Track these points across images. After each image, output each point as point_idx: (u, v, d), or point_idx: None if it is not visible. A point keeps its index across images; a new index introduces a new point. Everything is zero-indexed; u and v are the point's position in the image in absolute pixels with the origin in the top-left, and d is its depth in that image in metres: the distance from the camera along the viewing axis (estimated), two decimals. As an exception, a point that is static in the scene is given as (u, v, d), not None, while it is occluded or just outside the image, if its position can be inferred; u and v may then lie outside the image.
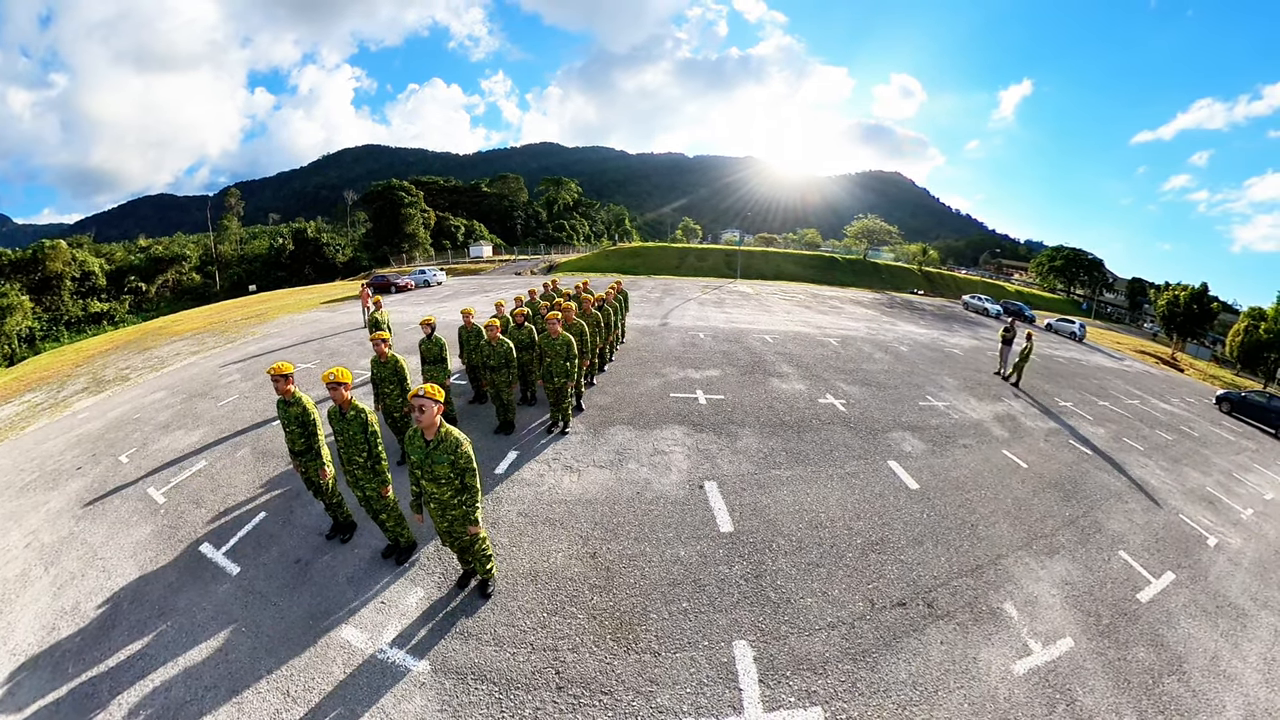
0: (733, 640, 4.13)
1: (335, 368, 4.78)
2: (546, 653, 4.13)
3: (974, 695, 3.84)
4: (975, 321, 30.89)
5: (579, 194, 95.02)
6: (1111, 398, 15.60)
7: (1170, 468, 10.08)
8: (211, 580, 5.14)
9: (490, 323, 7.30)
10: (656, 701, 3.67)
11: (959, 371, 14.85)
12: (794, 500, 6.23)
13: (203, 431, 8.75)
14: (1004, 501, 7.10)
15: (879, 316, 26.84)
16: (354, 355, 13.26)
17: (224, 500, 6.57)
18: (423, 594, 4.83)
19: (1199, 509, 8.32)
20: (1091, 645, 4.64)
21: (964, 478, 7.62)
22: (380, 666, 4.08)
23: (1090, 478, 8.60)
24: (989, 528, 6.32)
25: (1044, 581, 5.45)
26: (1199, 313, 34.05)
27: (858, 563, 5.19)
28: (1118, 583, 5.73)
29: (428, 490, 4.18)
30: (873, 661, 4.00)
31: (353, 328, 17.40)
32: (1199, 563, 6.57)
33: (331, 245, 60.09)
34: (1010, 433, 10.08)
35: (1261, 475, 11.21)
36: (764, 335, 16.95)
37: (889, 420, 9.50)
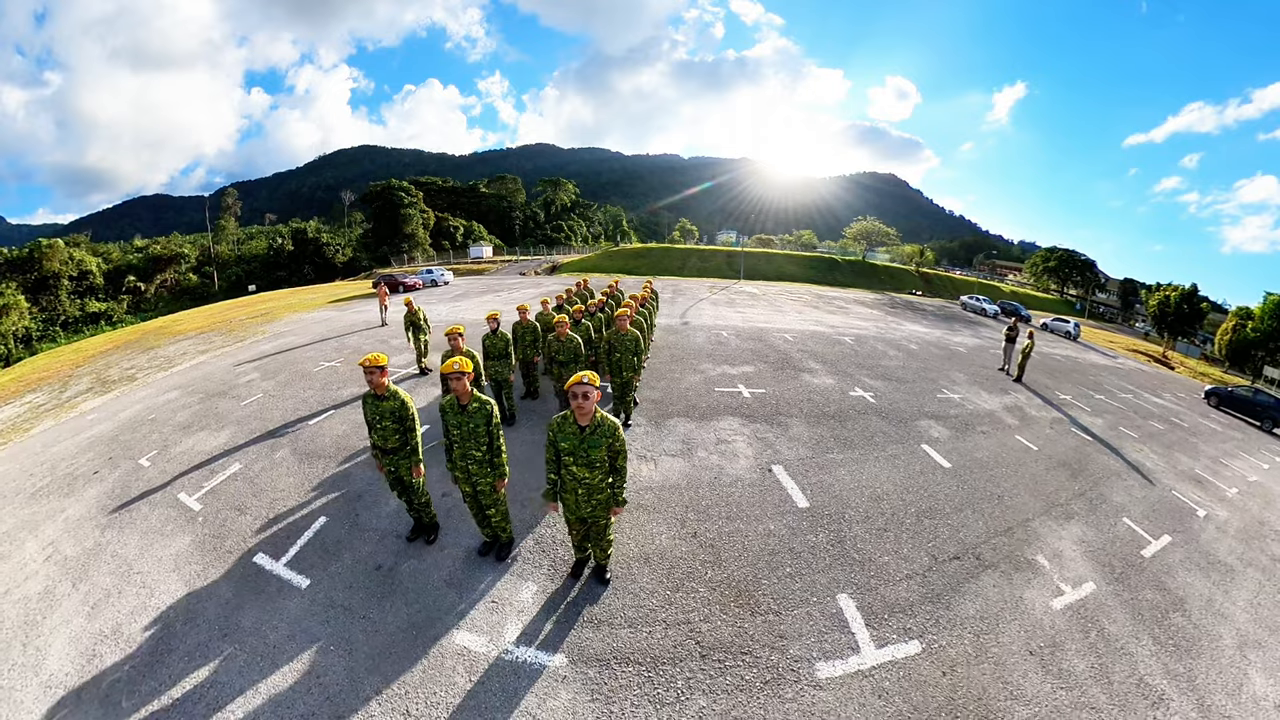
0: (835, 594, 4.84)
1: (456, 357, 4.79)
2: (681, 626, 4.40)
3: (1027, 625, 4.86)
4: (974, 321, 32.16)
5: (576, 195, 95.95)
6: (1107, 392, 16.83)
7: (1163, 453, 11.23)
8: (277, 595, 4.80)
9: (560, 319, 7.68)
10: (790, 653, 4.16)
11: (966, 368, 15.98)
12: (852, 479, 7.19)
13: (229, 432, 8.59)
14: (1022, 477, 8.17)
15: (884, 316, 27.99)
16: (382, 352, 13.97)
17: (271, 506, 6.29)
18: (536, 588, 4.83)
19: (1189, 487, 9.45)
20: (1110, 588, 5.70)
21: (986, 458, 8.69)
22: (511, 668, 4.01)
23: (1093, 459, 9.70)
24: (1013, 498, 7.38)
25: (1065, 540, 6.52)
26: (1189, 312, 35.75)
27: (915, 527, 6.18)
28: (1124, 542, 6.81)
29: (578, 475, 4.17)
30: (946, 602, 4.96)
31: (368, 326, 17.78)
32: (1191, 529, 7.67)
33: (331, 245, 60.60)
34: (1019, 421, 11.17)
35: (1245, 461, 12.45)
36: (783, 334, 18.01)
37: (914, 410, 10.56)
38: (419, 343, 11.63)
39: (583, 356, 7.76)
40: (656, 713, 3.63)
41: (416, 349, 11.61)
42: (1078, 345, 29.31)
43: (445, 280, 35.16)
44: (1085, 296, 66.39)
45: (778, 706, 3.61)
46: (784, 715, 3.51)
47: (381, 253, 59.58)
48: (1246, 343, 33.87)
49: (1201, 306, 36.31)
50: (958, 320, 31.71)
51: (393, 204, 61.73)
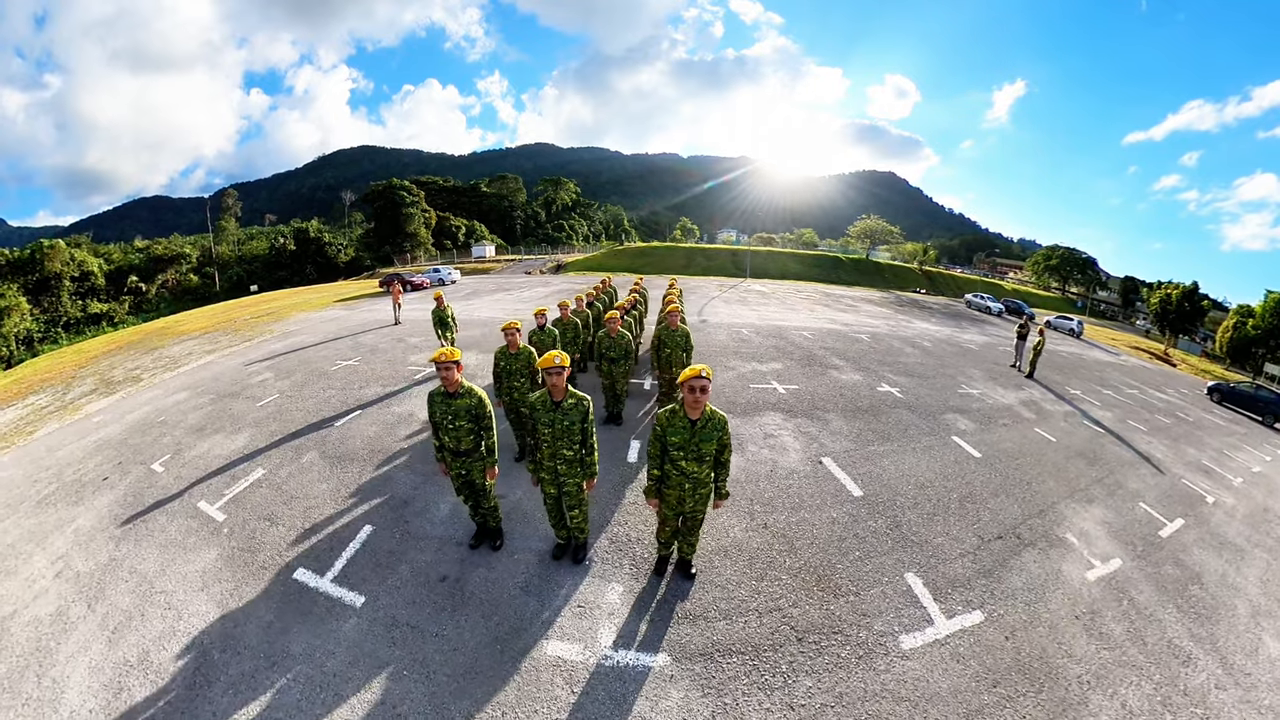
0: (903, 573, 5.31)
1: (553, 351, 4.49)
2: (774, 614, 4.61)
3: (1068, 594, 5.50)
4: (980, 320, 32.90)
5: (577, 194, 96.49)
6: (1113, 388, 17.57)
7: (1171, 445, 11.94)
8: (328, 616, 4.52)
9: (611, 315, 7.81)
10: (875, 629, 4.52)
11: (980, 364, 16.67)
12: (896, 469, 7.81)
13: (247, 435, 8.41)
14: (1045, 466, 8.83)
15: (893, 314, 28.69)
16: (395, 351, 13.74)
17: (305, 515, 6.03)
18: (621, 589, 4.81)
19: (1197, 476, 10.14)
20: (1134, 563, 6.36)
21: (1011, 449, 9.35)
22: (614, 674, 3.96)
23: (1106, 450, 10.38)
24: (1040, 484, 8.04)
25: (1090, 521, 7.19)
26: (1190, 310, 36.77)
27: (959, 511, 6.82)
28: (1142, 523, 7.49)
29: (687, 470, 4.19)
30: (997, 576, 5.57)
31: (381, 325, 17.96)
32: (1201, 514, 8.35)
33: (333, 245, 61.04)
34: (1036, 415, 11.84)
35: (1249, 453, 13.18)
36: (801, 331, 18.67)
37: (939, 405, 11.23)
38: (447, 340, 11.66)
39: (633, 353, 8.16)
40: (768, 699, 3.81)
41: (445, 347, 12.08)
42: (1081, 343, 30.11)
43: (453, 279, 35.55)
44: (1087, 294, 67.34)
45: (874, 678, 4.02)
46: (881, 686, 3.99)
47: (384, 252, 60.05)
48: (1247, 340, 34.70)
49: (1202, 304, 37.35)
50: (964, 318, 32.46)
51: (394, 203, 62.13)
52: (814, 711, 3.58)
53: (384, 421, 8.72)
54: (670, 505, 4.42)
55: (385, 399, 9.81)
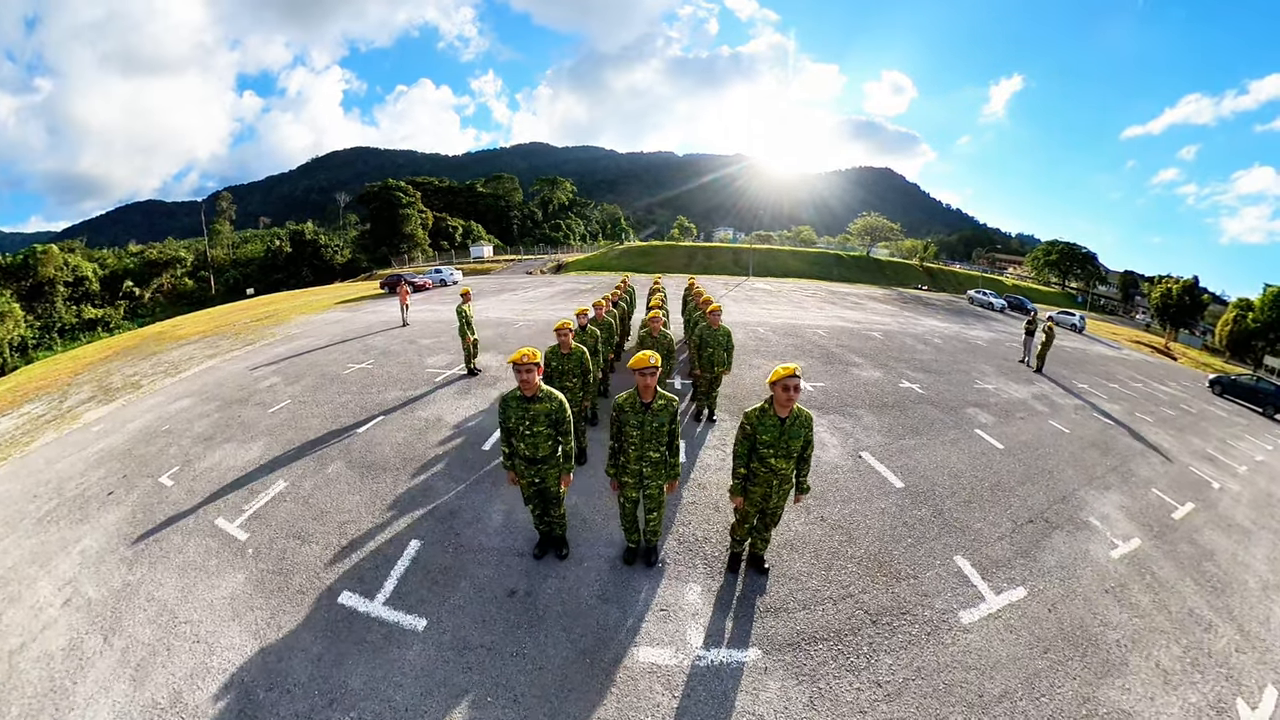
0: (953, 556, 5.79)
1: (644, 352, 4.43)
2: (847, 600, 4.93)
3: (1098, 570, 6.11)
4: (984, 316, 33.69)
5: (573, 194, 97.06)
6: (1119, 381, 18.33)
7: (1177, 435, 12.65)
8: (387, 643, 4.27)
9: (653, 315, 7.94)
10: (936, 606, 4.99)
11: (990, 360, 17.35)
12: (929, 461, 8.39)
13: (262, 444, 8.13)
14: (1063, 456, 9.48)
15: (899, 312, 29.42)
16: (409, 354, 13.72)
17: (340, 532, 5.76)
18: (699, 588, 4.92)
19: (1203, 464, 10.84)
20: (1152, 543, 7.01)
21: (1030, 440, 9.99)
22: (711, 673, 4.06)
23: (1117, 441, 11.05)
24: (1060, 473, 8.68)
25: (1108, 505, 7.83)
26: (1190, 304, 38.06)
27: (992, 498, 7.43)
28: (1156, 507, 8.14)
29: (775, 466, 4.33)
30: (1034, 555, 6.17)
31: (388, 326, 17.91)
32: (1209, 498, 9.02)
33: (329, 247, 61.53)
34: (1049, 408, 12.50)
35: (1251, 443, 13.94)
36: (815, 329, 19.32)
37: (959, 399, 11.88)
38: (469, 342, 11.42)
39: (674, 353, 8.18)
40: (856, 679, 4.12)
41: (465, 349, 11.46)
42: (1084, 337, 30.94)
43: (454, 280, 35.75)
44: (1087, 289, 68.42)
45: (944, 651, 4.47)
46: (951, 657, 4.39)
47: (380, 253, 60.53)
48: (1247, 333, 35.83)
49: (1202, 298, 38.61)
50: (968, 314, 33.21)
51: (390, 204, 62.65)
52: (898, 685, 4.10)
53: (411, 427, 8.59)
54: (754, 502, 4.59)
55: (408, 403, 9.72)
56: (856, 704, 3.84)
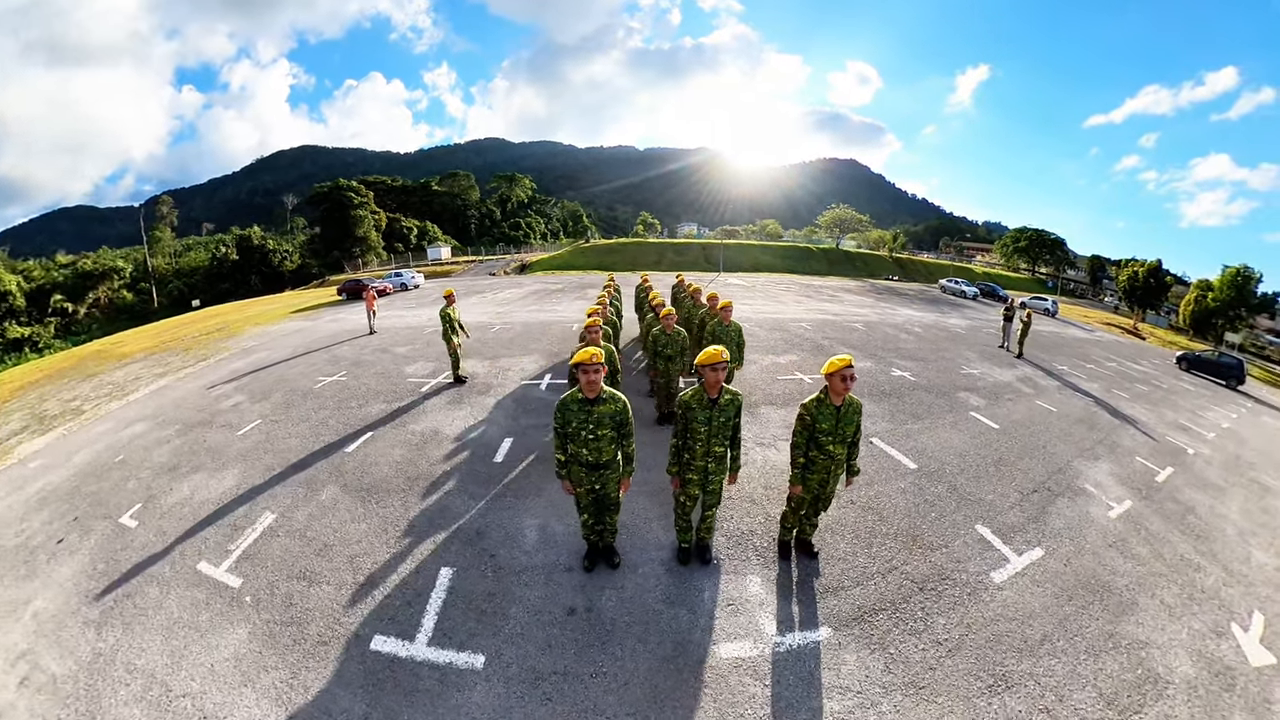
0: (974, 526, 6.47)
1: (715, 348, 4.50)
2: (893, 573, 5.42)
3: (1100, 529, 6.96)
4: (957, 304, 35.43)
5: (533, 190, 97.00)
6: (1095, 362, 19.79)
7: (1152, 408, 13.90)
8: (444, 688, 4.00)
9: (667, 312, 8.12)
10: (971, 571, 5.61)
11: (971, 346, 18.54)
12: (934, 442, 9.17)
13: (236, 471, 7.59)
14: (1054, 432, 10.43)
15: (875, 303, 30.71)
16: (384, 363, 13.41)
17: (352, 566, 5.37)
18: (758, 579, 5.19)
19: (1177, 433, 12.01)
20: (1142, 503, 7.93)
21: (1022, 419, 10.94)
22: (792, 656, 4.33)
23: (1100, 416, 12.14)
24: (1054, 448, 9.60)
25: (1100, 473, 8.76)
26: (1155, 286, 41.36)
27: (997, 473, 8.24)
28: (1141, 473, 9.12)
29: (833, 453, 4.68)
30: (1043, 520, 6.97)
31: (354, 335, 17.67)
32: (1185, 463, 10.09)
33: (278, 252, 60.18)
34: (1033, 390, 13.57)
35: (1217, 411, 15.43)
36: (798, 323, 20.25)
37: (949, 385, 12.82)
38: (454, 348, 11.16)
39: (688, 349, 8.47)
40: (919, 640, 4.62)
41: (451, 355, 11.26)
42: (1057, 321, 32.91)
43: (416, 284, 35.38)
44: (1057, 274, 71.79)
45: (985, 607, 5.10)
46: (993, 612, 5.03)
47: (332, 258, 59.61)
48: (1208, 312, 38.83)
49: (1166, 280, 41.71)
50: (942, 303, 34.89)
51: (341, 205, 61.86)
52: (956, 641, 4.72)
53: (407, 442, 8.35)
54: (810, 489, 4.94)
55: (396, 416, 9.53)
56: (925, 662, 4.44)
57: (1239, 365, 22.04)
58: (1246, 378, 22.72)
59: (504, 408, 9.83)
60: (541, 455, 7.73)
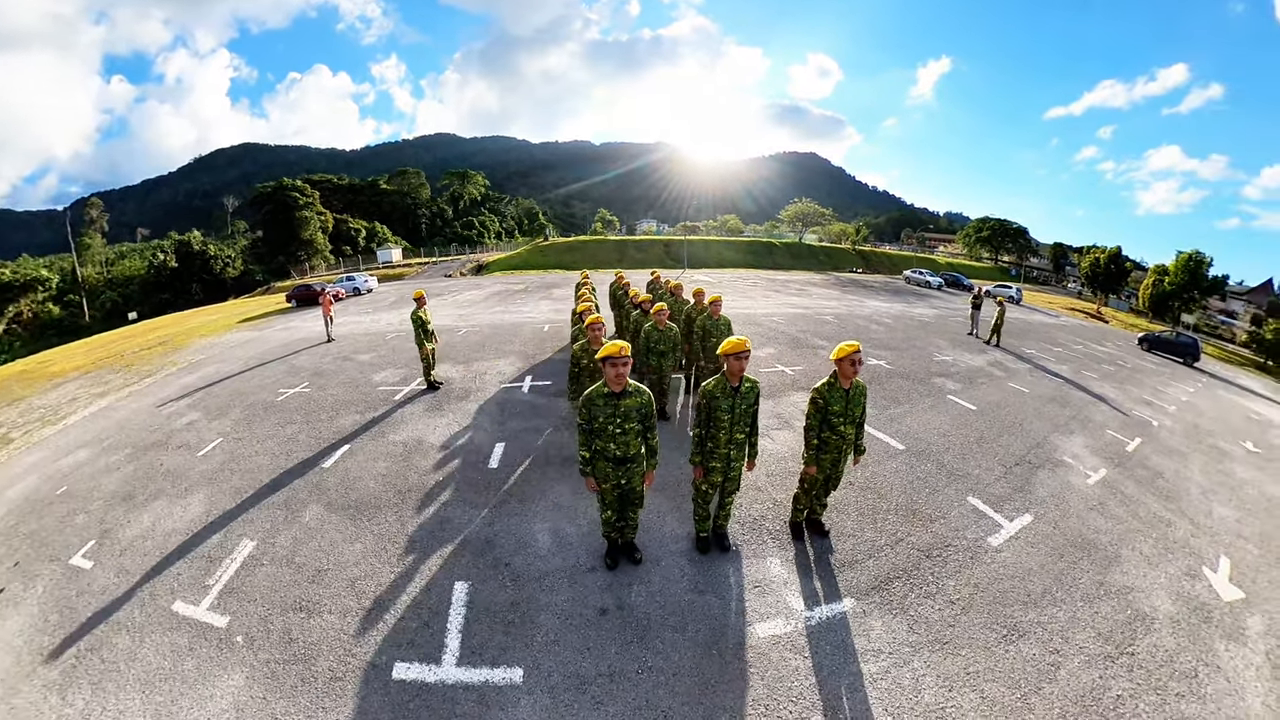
0: (965, 498, 7.08)
1: (739, 338, 4.83)
2: (900, 544, 5.92)
3: (1080, 494, 7.66)
4: (923, 294, 36.93)
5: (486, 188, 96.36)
6: (1062, 345, 21.09)
7: (1118, 386, 14.99)
8: (484, 707, 3.95)
9: (659, 307, 8.30)
10: (969, 537, 6.16)
11: (941, 335, 19.55)
12: (919, 425, 9.79)
13: (203, 497, 7.14)
14: (1028, 411, 11.23)
15: (842, 295, 31.85)
16: (349, 372, 13.18)
17: (354, 590, 5.16)
18: (778, 560, 5.53)
19: (1142, 408, 13.05)
20: (1115, 470, 8.71)
21: (997, 401, 11.72)
22: (825, 628, 4.69)
23: (1071, 395, 13.07)
24: (1030, 425, 10.36)
25: (1075, 446, 9.54)
26: (1116, 271, 44.63)
27: (980, 450, 8.91)
28: (1112, 444, 9.96)
29: (845, 433, 5.15)
30: (1028, 489, 7.65)
31: (311, 343, 17.30)
32: (1151, 433, 11.03)
33: (220, 258, 58.52)
34: (1005, 373, 14.46)
35: (1177, 387, 16.78)
36: (770, 316, 20.99)
37: (925, 371, 13.58)
38: (427, 352, 11.07)
39: (680, 345, 8.80)
40: (934, 602, 5.11)
41: (424, 360, 11.20)
42: (1022, 308, 34.58)
43: (369, 288, 35.01)
44: (1020, 262, 75.10)
45: (987, 568, 5.67)
46: (996, 572, 5.60)
47: (277, 263, 58.27)
48: (1165, 295, 41.85)
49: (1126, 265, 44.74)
50: (907, 294, 36.34)
51: (286, 206, 60.51)
52: (967, 600, 5.25)
53: (390, 454, 8.15)
54: (823, 469, 5.37)
55: (372, 426, 9.36)
56: (944, 620, 4.95)
57: (1194, 344, 24.45)
58: (1201, 355, 25.09)
59: (488, 412, 9.82)
60: (538, 459, 7.80)
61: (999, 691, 4.19)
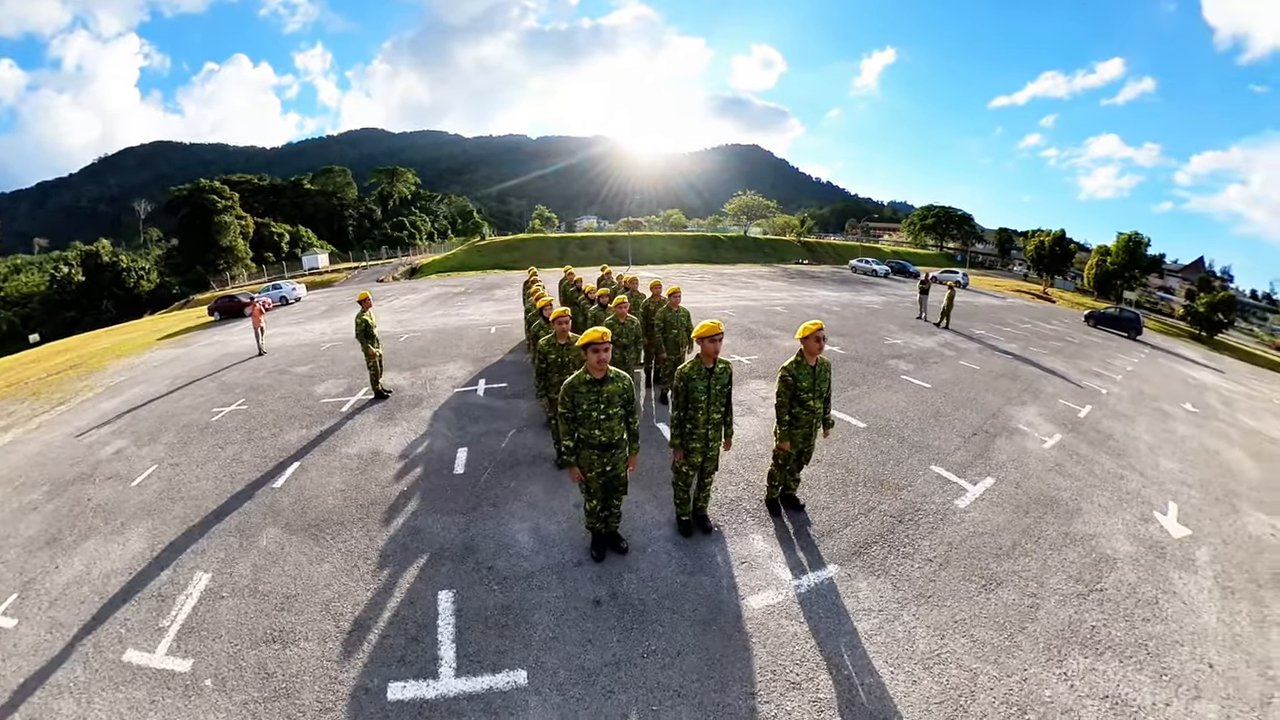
0: (929, 466, 7.61)
1: (713, 322, 5.14)
2: (872, 512, 6.36)
3: (1039, 457, 8.27)
4: (870, 283, 38.38)
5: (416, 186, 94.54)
6: (1010, 325, 22.42)
7: (1067, 360, 16.08)
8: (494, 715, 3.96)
9: (620, 300, 8.46)
10: (936, 501, 6.67)
11: (890, 320, 20.49)
12: (876, 404, 10.28)
13: (144, 530, 6.75)
14: (981, 386, 11.93)
15: (791, 287, 32.79)
16: (288, 386, 12.75)
17: (330, 613, 5.02)
18: (760, 536, 5.83)
19: (1091, 379, 14.03)
20: (1070, 435, 9.39)
21: (951, 378, 12.38)
22: (814, 594, 5.02)
23: (1021, 370, 13.92)
24: (984, 399, 11.00)
25: (1030, 415, 10.21)
26: (1061, 253, 47.49)
27: (938, 423, 9.44)
28: (1065, 412, 10.71)
29: (814, 408, 5.54)
30: (988, 455, 8.21)
31: (241, 358, 16.72)
32: (1100, 401, 11.90)
33: (133, 271, 55.52)
34: (956, 353, 15.27)
35: (1123, 359, 18.22)
36: (721, 309, 21.49)
37: (878, 355, 14.22)
38: (374, 358, 10.87)
39: (641, 338, 8.93)
40: (911, 561, 5.55)
41: (371, 367, 10.98)
42: (969, 292, 36.42)
43: (297, 296, 34.19)
44: (965, 248, 78.65)
45: (957, 528, 6.16)
46: (967, 530, 6.11)
47: (196, 274, 55.63)
48: (1108, 274, 44.95)
49: (1070, 247, 48.18)
50: (854, 283, 37.70)
51: (204, 210, 57.87)
52: (942, 557, 5.66)
53: (345, 468, 8.01)
54: (796, 443, 5.73)
55: (321, 441, 9.16)
56: (925, 577, 5.35)
57: (1137, 319, 27.01)
58: (1144, 329, 27.63)
59: (444, 418, 9.73)
60: (505, 461, 7.81)
61: (987, 634, 4.60)
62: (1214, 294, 38.79)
